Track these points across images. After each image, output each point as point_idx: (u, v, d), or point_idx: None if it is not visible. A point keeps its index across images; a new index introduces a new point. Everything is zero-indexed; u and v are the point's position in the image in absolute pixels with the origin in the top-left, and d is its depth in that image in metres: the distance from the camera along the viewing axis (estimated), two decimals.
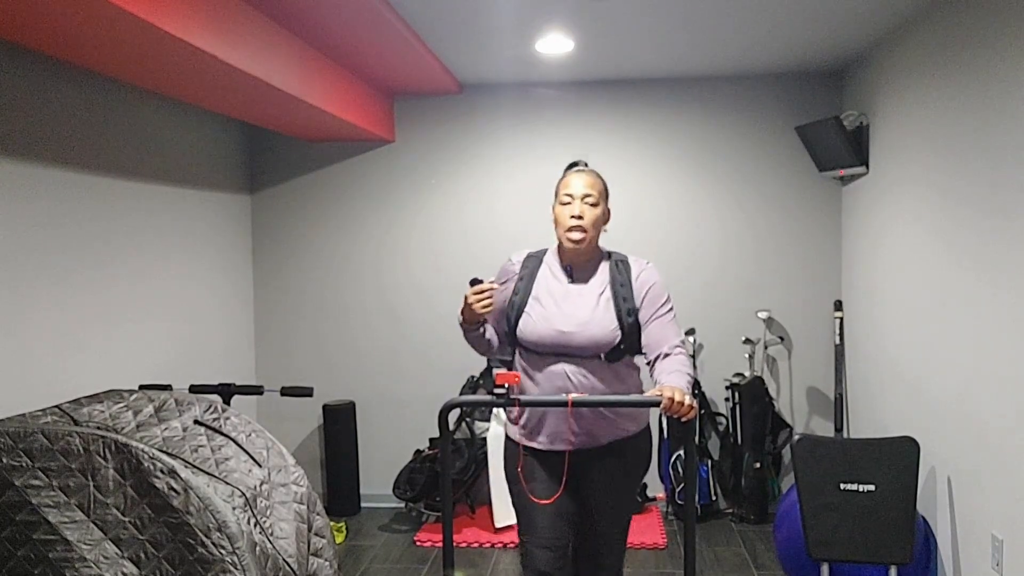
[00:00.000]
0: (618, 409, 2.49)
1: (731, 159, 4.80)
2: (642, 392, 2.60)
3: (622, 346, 2.46)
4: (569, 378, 2.44)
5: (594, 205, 2.50)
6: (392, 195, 5.00)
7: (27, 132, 3.12)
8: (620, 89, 4.83)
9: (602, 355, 2.45)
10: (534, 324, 2.46)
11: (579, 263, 2.55)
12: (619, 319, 2.45)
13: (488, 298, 2.37)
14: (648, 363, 2.49)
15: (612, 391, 2.47)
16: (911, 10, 3.53)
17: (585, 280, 2.53)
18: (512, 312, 2.53)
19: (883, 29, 3.83)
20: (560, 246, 2.57)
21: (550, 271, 2.57)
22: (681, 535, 4.42)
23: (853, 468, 3.20)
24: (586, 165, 2.61)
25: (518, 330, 2.50)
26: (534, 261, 2.60)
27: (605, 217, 2.56)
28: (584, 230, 2.48)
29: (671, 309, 2.51)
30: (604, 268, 2.55)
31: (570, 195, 2.51)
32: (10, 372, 3.02)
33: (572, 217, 2.48)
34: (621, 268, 2.54)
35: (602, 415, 2.47)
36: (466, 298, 2.38)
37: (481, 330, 2.51)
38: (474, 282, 2.38)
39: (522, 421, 2.55)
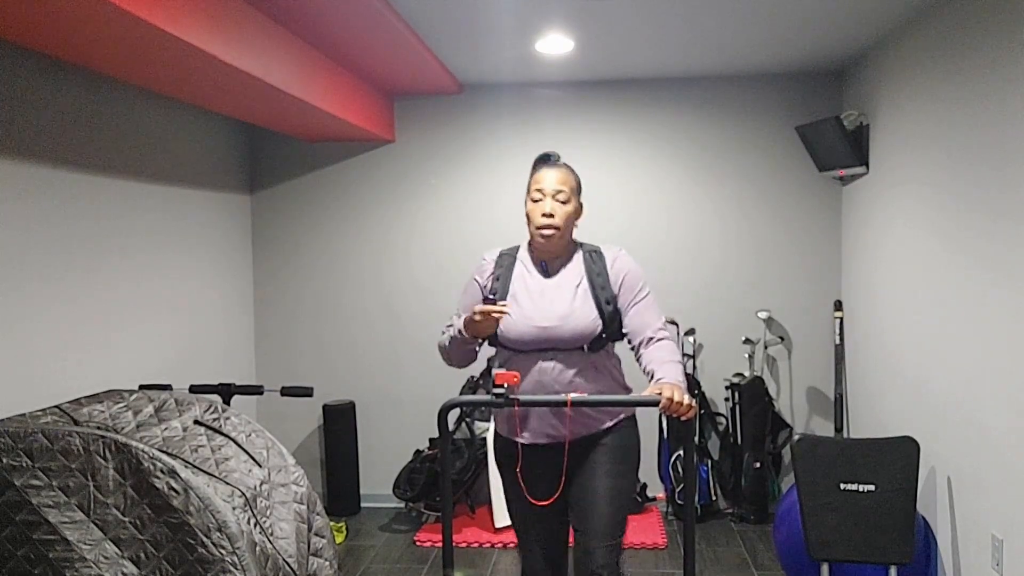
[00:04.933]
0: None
1: (731, 159, 4.80)
2: (624, 381, 2.59)
3: (604, 335, 2.46)
4: (551, 372, 2.43)
5: (565, 202, 2.48)
6: (392, 195, 5.00)
7: (27, 132, 3.12)
8: (620, 89, 4.83)
9: (584, 346, 2.45)
10: (514, 323, 2.45)
11: (552, 258, 2.54)
12: (599, 308, 2.45)
13: (497, 320, 2.36)
14: (632, 348, 2.49)
15: (593, 382, 2.46)
16: (911, 10, 3.53)
17: (560, 273, 2.52)
18: None
19: (883, 29, 3.83)
20: (532, 242, 2.56)
21: (524, 268, 2.56)
22: (681, 535, 4.42)
23: (853, 468, 3.20)
24: (558, 158, 2.56)
25: (498, 330, 2.47)
26: (508, 259, 2.59)
27: (577, 212, 2.54)
28: (556, 228, 2.46)
29: (649, 293, 2.51)
30: (578, 260, 2.54)
31: (541, 191, 2.48)
32: (10, 372, 3.02)
33: (543, 215, 2.46)
34: (595, 258, 2.53)
35: (584, 412, 2.46)
36: (475, 313, 2.35)
37: (477, 345, 2.53)
38: (487, 300, 2.36)
39: (504, 415, 2.55)
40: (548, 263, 2.54)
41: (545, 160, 2.56)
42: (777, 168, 4.78)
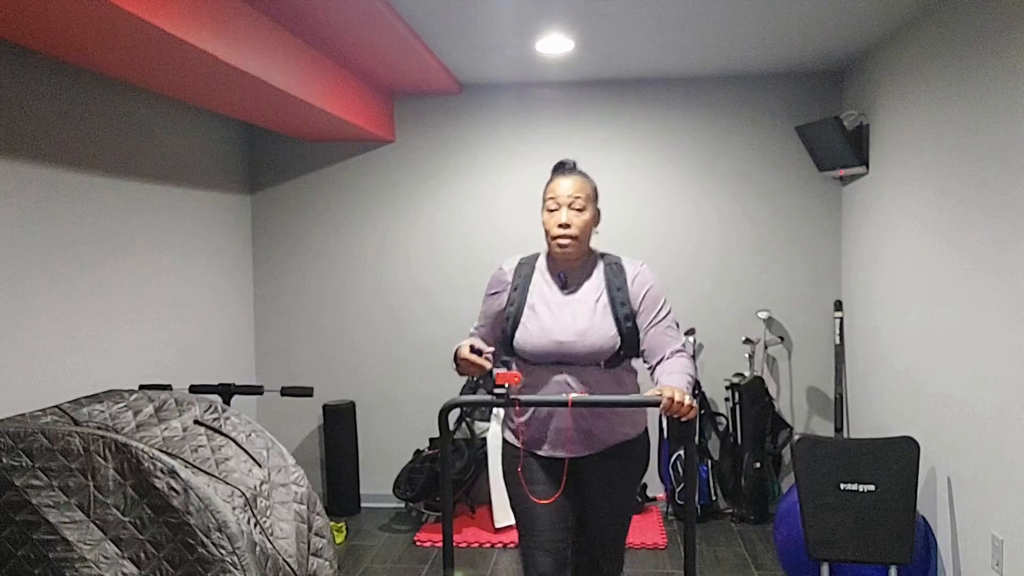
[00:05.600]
0: (618, 413, 2.46)
1: (731, 159, 4.80)
2: (640, 393, 2.58)
3: (621, 352, 2.43)
4: (569, 387, 2.41)
5: (581, 210, 2.42)
6: (392, 195, 5.00)
7: (27, 132, 3.12)
8: (620, 89, 4.83)
9: (601, 362, 2.42)
10: (531, 336, 2.42)
11: (572, 269, 2.50)
12: (618, 325, 2.41)
13: (483, 367, 2.32)
14: (649, 368, 2.46)
15: (611, 395, 2.44)
16: (911, 10, 3.53)
17: (580, 286, 2.48)
18: (508, 324, 2.48)
19: (883, 29, 3.83)
20: (550, 252, 2.51)
21: (543, 279, 2.51)
22: (681, 535, 4.42)
23: (853, 468, 3.20)
24: (574, 165, 2.51)
25: (515, 342, 2.45)
26: (526, 268, 2.53)
27: (595, 220, 2.49)
28: (572, 237, 2.41)
29: (670, 311, 2.48)
30: (598, 272, 2.49)
31: (555, 201, 2.43)
32: (10, 372, 3.02)
33: (559, 226, 2.41)
34: (616, 271, 2.48)
35: (601, 418, 2.44)
36: (465, 357, 2.31)
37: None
38: (473, 350, 2.31)
39: (525, 436, 2.50)
40: (567, 275, 2.50)
41: (560, 169, 2.51)
42: (777, 168, 4.78)
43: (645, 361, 2.48)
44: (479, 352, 2.31)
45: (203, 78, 3.19)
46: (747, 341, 4.69)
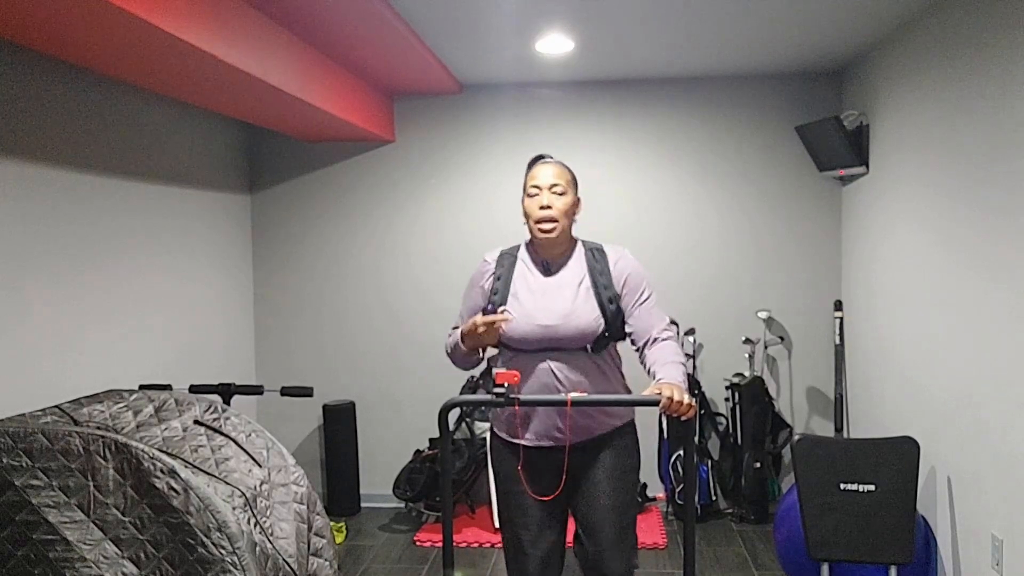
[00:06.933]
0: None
1: (731, 159, 4.80)
2: (625, 382, 2.58)
3: (607, 334, 2.45)
4: (554, 373, 2.43)
5: (562, 194, 2.47)
6: (392, 195, 5.00)
7: (27, 132, 3.12)
8: (620, 89, 4.83)
9: (588, 347, 2.44)
10: (516, 322, 2.44)
11: (554, 255, 2.53)
12: (601, 307, 2.44)
13: (497, 328, 2.38)
14: (636, 349, 2.48)
15: (596, 383, 2.45)
16: (911, 10, 3.53)
17: (562, 272, 2.51)
18: (492, 312, 2.51)
19: (883, 29, 3.83)
20: (532, 240, 2.54)
21: (525, 267, 2.54)
22: (681, 535, 4.42)
23: (853, 468, 3.20)
24: (551, 158, 2.57)
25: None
26: (508, 258, 2.57)
27: (576, 205, 2.53)
28: (554, 219, 2.45)
29: (652, 293, 2.51)
30: (580, 257, 2.53)
31: (537, 186, 2.47)
32: (10, 372, 3.02)
33: (541, 208, 2.45)
34: (598, 256, 2.52)
35: (587, 410, 2.45)
36: (475, 325, 2.37)
37: (478, 354, 2.54)
38: (487, 311, 2.37)
39: (504, 416, 2.54)
40: (550, 261, 2.53)
41: (538, 160, 2.57)
42: (777, 168, 4.78)
43: (633, 342, 2.50)
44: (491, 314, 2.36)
45: (203, 78, 3.19)
46: (747, 341, 4.69)
